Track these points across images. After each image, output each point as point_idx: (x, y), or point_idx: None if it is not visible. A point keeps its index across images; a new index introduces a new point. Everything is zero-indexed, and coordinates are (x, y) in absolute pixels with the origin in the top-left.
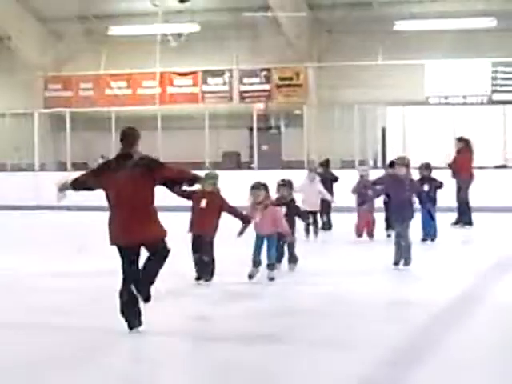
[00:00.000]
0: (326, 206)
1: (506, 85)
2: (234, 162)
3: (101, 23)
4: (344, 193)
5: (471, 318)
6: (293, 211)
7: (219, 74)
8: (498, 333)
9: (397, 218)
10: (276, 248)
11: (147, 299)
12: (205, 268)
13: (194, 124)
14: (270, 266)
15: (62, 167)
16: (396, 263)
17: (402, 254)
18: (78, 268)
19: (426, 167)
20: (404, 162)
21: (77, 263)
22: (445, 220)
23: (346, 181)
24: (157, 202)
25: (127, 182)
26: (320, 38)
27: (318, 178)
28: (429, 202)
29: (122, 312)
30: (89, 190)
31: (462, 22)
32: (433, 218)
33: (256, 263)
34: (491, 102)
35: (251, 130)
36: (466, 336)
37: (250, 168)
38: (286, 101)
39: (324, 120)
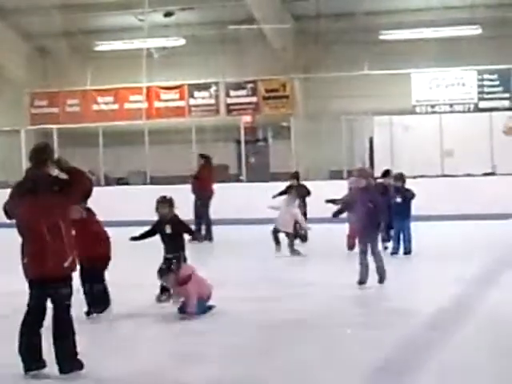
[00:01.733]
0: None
1: (492, 92)
2: (222, 175)
3: (87, 39)
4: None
5: (461, 325)
6: (180, 228)
7: (205, 87)
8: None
9: (362, 234)
10: None
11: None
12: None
13: (182, 138)
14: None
15: None
16: (361, 282)
17: (377, 271)
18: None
19: (399, 178)
20: (362, 174)
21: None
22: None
23: (335, 191)
24: None
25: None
26: (306, 48)
27: (296, 203)
28: (401, 213)
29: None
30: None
31: (447, 31)
32: (404, 231)
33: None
34: (478, 109)
35: (239, 142)
36: (457, 342)
37: (238, 181)
38: (273, 113)
39: (311, 131)
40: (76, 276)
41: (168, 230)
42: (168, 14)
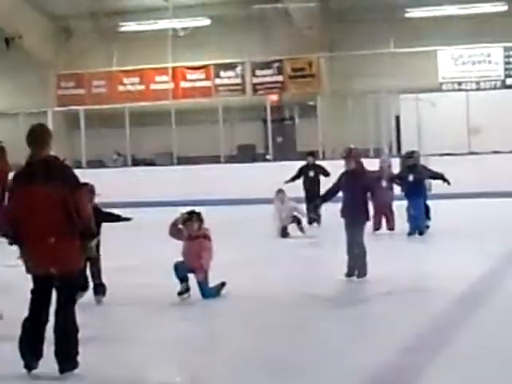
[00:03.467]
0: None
1: None
2: (249, 154)
3: (112, 20)
4: None
5: (489, 304)
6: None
7: (231, 66)
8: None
9: (348, 222)
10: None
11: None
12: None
13: (208, 118)
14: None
15: (77, 165)
16: (349, 275)
17: (356, 264)
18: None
19: (409, 156)
20: (349, 155)
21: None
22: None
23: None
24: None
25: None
26: (331, 27)
27: (287, 197)
28: (414, 193)
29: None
30: None
31: (473, 8)
32: (418, 210)
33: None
34: (505, 86)
35: (265, 121)
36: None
37: (265, 160)
38: (299, 91)
39: (338, 110)
40: None
41: None
42: None
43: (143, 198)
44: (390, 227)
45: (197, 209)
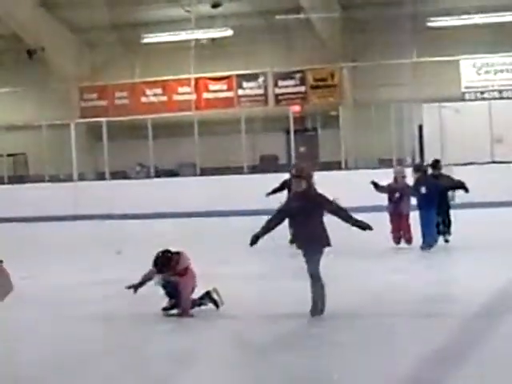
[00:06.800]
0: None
1: None
2: (271, 165)
3: (134, 31)
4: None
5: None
6: None
7: (254, 77)
8: None
9: (303, 251)
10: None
11: None
12: None
13: (231, 128)
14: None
15: (100, 177)
16: (313, 313)
17: (319, 300)
18: (116, 276)
19: (418, 169)
20: (301, 174)
21: (114, 271)
22: None
23: (384, 180)
24: None
25: None
26: (353, 37)
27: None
28: (426, 205)
29: None
30: None
31: (496, 17)
32: (429, 224)
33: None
34: None
35: (288, 132)
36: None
37: (288, 171)
38: (322, 102)
39: (360, 120)
40: None
41: None
42: (215, 5)
43: (168, 208)
44: (407, 240)
45: (220, 220)
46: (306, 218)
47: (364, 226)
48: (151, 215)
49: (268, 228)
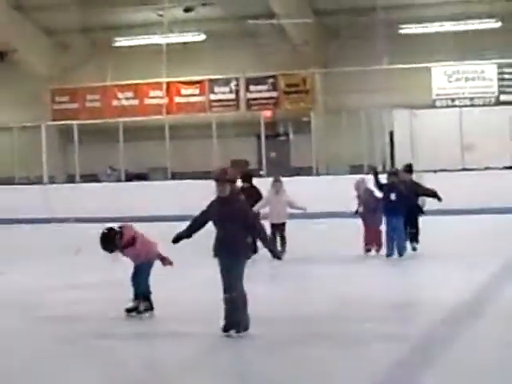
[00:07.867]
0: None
1: None
2: (243, 169)
3: (106, 34)
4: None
5: (478, 320)
6: None
7: (226, 82)
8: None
9: (221, 262)
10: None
11: None
12: None
13: (202, 133)
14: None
15: (71, 179)
16: (226, 329)
17: (233, 315)
18: (86, 280)
19: (394, 173)
20: (223, 177)
21: (84, 275)
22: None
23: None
24: None
25: None
26: (326, 43)
27: (284, 190)
28: (395, 212)
29: None
30: None
31: (467, 24)
32: (396, 231)
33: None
34: (498, 102)
35: (259, 137)
36: (473, 335)
37: (259, 175)
38: (294, 107)
39: (332, 125)
40: None
41: None
42: (188, 10)
43: (137, 212)
44: (377, 249)
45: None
46: (228, 227)
47: (274, 255)
48: (121, 219)
49: (191, 230)
